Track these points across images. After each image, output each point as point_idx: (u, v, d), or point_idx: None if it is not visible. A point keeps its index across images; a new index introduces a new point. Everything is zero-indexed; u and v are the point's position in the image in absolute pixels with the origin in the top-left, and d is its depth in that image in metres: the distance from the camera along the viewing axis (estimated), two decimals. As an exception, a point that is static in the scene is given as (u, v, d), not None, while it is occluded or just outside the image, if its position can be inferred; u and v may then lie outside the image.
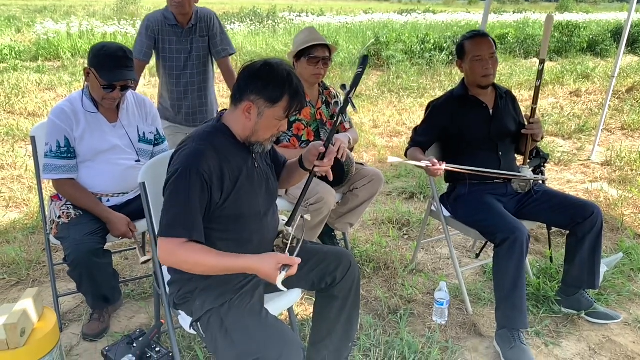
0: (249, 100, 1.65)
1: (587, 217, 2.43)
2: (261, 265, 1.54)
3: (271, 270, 1.52)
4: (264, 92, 1.63)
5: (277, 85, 1.63)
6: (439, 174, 2.43)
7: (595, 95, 8.38)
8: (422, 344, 2.39)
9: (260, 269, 1.54)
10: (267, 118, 1.66)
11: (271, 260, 1.54)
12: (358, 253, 3.19)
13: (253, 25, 15.50)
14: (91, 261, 2.15)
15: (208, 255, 1.58)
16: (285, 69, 1.65)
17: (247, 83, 1.65)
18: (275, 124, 1.69)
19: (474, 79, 2.61)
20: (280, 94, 1.64)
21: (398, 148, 5.56)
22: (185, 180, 1.59)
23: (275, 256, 1.56)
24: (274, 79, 1.63)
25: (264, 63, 1.66)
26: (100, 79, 2.21)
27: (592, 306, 2.57)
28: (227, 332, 1.60)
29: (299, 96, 1.67)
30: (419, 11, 24.53)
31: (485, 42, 2.56)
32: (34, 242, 3.28)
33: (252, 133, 1.70)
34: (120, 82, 2.24)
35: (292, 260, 1.54)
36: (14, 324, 1.75)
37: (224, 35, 3.33)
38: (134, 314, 2.61)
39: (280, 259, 1.54)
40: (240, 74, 1.68)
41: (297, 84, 1.66)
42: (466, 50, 2.59)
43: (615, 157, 5.20)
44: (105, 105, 2.31)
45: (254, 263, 1.56)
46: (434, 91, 8.55)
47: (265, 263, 1.54)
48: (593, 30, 14.83)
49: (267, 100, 1.64)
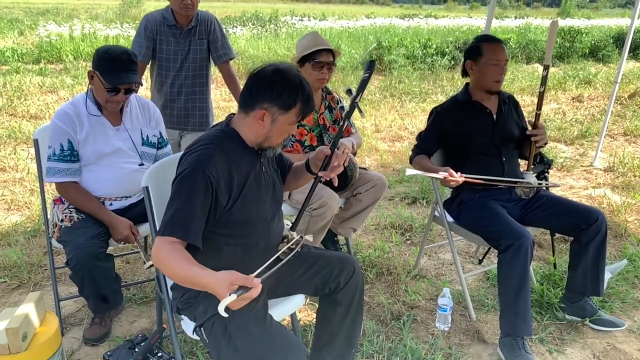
0: (261, 107, 1.64)
1: (591, 223, 2.42)
2: (215, 282, 1.39)
3: (221, 289, 1.36)
4: (278, 100, 1.63)
5: (291, 93, 1.63)
6: (456, 184, 2.38)
7: (597, 101, 8.38)
8: (425, 350, 2.37)
9: (213, 286, 1.40)
10: (280, 124, 1.67)
11: (225, 278, 1.38)
12: (361, 258, 3.18)
13: (255, 29, 15.54)
14: (93, 265, 2.14)
15: (180, 262, 1.49)
16: (296, 75, 1.66)
17: (259, 90, 1.64)
18: (287, 129, 1.70)
19: (485, 82, 2.58)
20: (295, 100, 1.64)
21: (400, 152, 5.55)
22: (190, 182, 1.58)
23: (231, 275, 1.39)
24: (288, 87, 1.63)
25: (275, 70, 1.65)
26: (104, 82, 2.21)
27: (596, 313, 2.56)
28: (231, 338, 1.59)
29: (311, 101, 1.69)
30: (421, 16, 24.57)
31: (503, 48, 2.57)
32: (36, 245, 3.27)
33: (265, 139, 1.70)
34: (124, 85, 2.23)
35: (250, 281, 1.37)
36: (15, 328, 1.74)
37: (224, 39, 3.32)
38: (135, 319, 2.59)
39: (235, 279, 1.37)
40: (250, 81, 1.68)
41: (308, 90, 1.67)
42: (483, 52, 2.54)
43: (618, 163, 5.19)
44: (109, 108, 2.31)
45: (210, 279, 1.41)
46: (435, 96, 8.55)
47: (219, 280, 1.39)
48: (595, 36, 14.86)
49: (281, 108, 1.64)
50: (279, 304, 1.88)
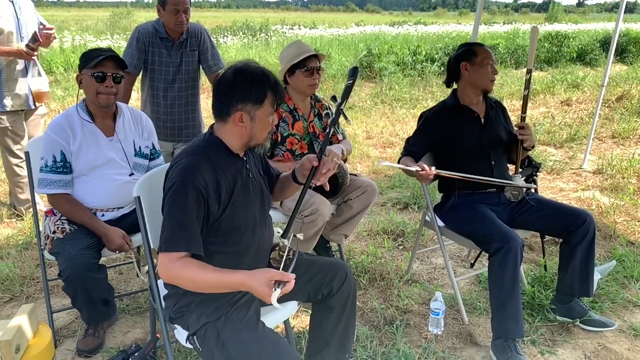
0: (237, 110, 1.67)
1: (579, 225, 2.45)
2: (253, 283, 1.48)
3: (262, 287, 1.46)
4: (249, 97, 1.66)
5: (258, 86, 1.66)
6: (429, 179, 2.45)
7: (585, 104, 8.47)
8: (419, 354, 2.39)
9: (252, 287, 1.49)
10: (260, 119, 1.69)
11: (263, 276, 1.48)
12: (353, 264, 3.20)
13: (246, 39, 15.58)
14: (86, 276, 2.14)
15: (201, 271, 1.56)
16: (257, 68, 1.69)
17: (228, 95, 1.67)
18: (268, 121, 1.72)
19: (481, 81, 2.64)
20: (264, 91, 1.67)
21: (391, 159, 5.58)
22: (182, 194, 1.60)
23: (267, 272, 1.50)
24: (253, 81, 1.66)
25: (235, 70, 1.68)
26: (90, 70, 2.23)
27: (586, 314, 2.59)
28: (224, 346, 1.60)
29: (279, 86, 1.71)
30: (410, 23, 24.75)
31: (490, 52, 2.66)
32: (27, 257, 3.26)
33: (250, 138, 1.73)
34: (108, 63, 2.24)
35: (286, 276, 1.47)
36: (8, 340, 1.74)
37: (214, 50, 3.35)
38: (129, 329, 2.59)
39: (272, 275, 1.48)
40: (216, 90, 1.70)
41: (273, 77, 1.70)
42: (477, 53, 2.62)
43: (606, 165, 5.25)
44: (101, 101, 2.29)
45: (246, 280, 1.50)
46: (426, 102, 8.61)
47: (257, 280, 1.48)
48: (582, 40, 15.02)
49: (255, 103, 1.67)
50: (271, 311, 1.88)
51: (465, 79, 2.68)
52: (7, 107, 3.52)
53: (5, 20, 3.39)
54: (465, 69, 2.65)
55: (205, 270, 1.57)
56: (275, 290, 1.44)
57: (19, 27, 3.46)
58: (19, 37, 3.46)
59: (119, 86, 2.31)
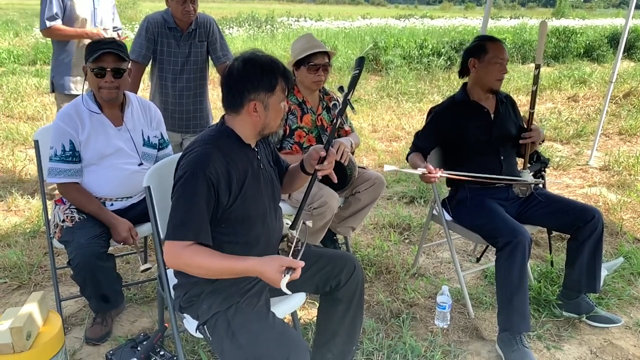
0: (249, 100, 1.67)
1: (588, 221, 2.45)
2: (264, 268, 1.53)
3: (274, 272, 1.51)
4: (261, 86, 1.66)
5: (268, 73, 1.67)
6: (434, 181, 2.44)
7: (592, 101, 8.42)
8: (425, 347, 2.40)
9: (263, 272, 1.54)
10: (273, 107, 1.70)
11: (274, 262, 1.53)
12: (360, 257, 3.20)
13: (251, 30, 15.54)
14: (95, 265, 2.16)
15: (211, 258, 1.59)
16: (264, 56, 1.70)
17: (240, 86, 1.67)
18: (280, 108, 1.73)
19: (487, 80, 2.60)
20: (275, 78, 1.68)
21: (397, 152, 5.57)
22: (192, 183, 1.60)
23: (278, 259, 1.55)
24: (263, 70, 1.67)
25: (243, 61, 1.68)
26: (90, 64, 2.24)
27: (593, 310, 2.59)
28: (234, 335, 1.61)
29: (288, 72, 1.73)
30: (417, 16, 24.62)
31: (504, 48, 2.61)
32: (35, 246, 3.28)
33: (264, 127, 1.74)
34: (105, 57, 2.23)
35: (296, 263, 1.52)
36: (19, 327, 1.75)
37: (223, 41, 3.35)
38: (136, 318, 2.61)
39: (283, 262, 1.53)
40: (226, 82, 1.71)
41: (281, 64, 1.72)
42: (488, 49, 2.57)
43: (613, 162, 5.23)
44: (103, 95, 2.29)
45: (257, 265, 1.55)
46: (432, 96, 8.58)
47: (268, 266, 1.53)
48: (589, 35, 14.92)
49: (267, 91, 1.68)
50: (280, 302, 1.90)
51: (473, 76, 2.66)
52: (72, 91, 3.56)
53: (82, 7, 3.46)
54: (473, 66, 2.62)
55: (215, 257, 1.59)
56: (284, 277, 1.49)
57: (94, 16, 3.52)
58: (93, 25, 3.52)
59: (120, 80, 2.30)
